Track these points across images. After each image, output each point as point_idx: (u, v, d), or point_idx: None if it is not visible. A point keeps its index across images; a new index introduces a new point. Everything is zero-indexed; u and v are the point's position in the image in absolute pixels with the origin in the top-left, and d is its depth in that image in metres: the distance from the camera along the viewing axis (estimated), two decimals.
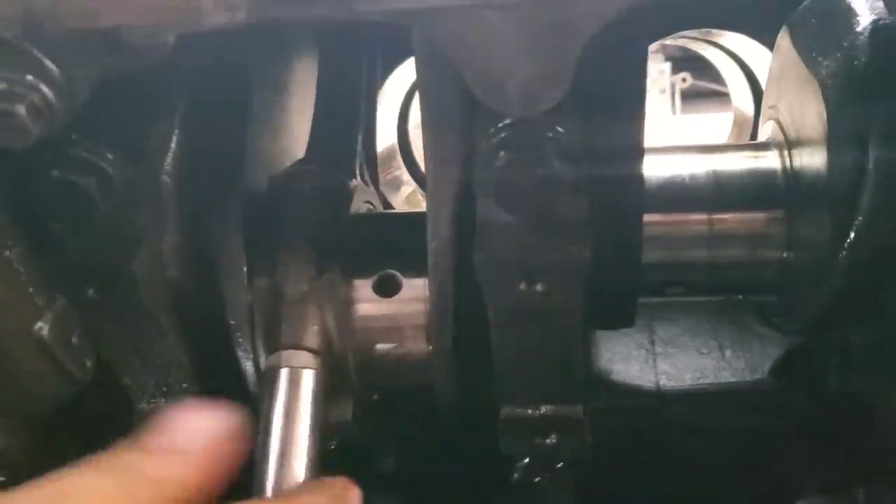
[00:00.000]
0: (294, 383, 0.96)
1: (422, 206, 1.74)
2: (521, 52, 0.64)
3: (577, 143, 0.79)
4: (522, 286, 0.84)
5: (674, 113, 3.66)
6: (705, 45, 1.90)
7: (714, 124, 2.80)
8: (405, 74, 1.70)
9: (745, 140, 1.81)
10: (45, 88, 0.68)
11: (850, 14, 0.96)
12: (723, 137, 2.11)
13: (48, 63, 0.69)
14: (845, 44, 0.94)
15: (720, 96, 3.11)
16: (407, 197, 1.78)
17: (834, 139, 0.94)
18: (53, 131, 0.71)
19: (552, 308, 0.87)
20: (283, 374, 0.96)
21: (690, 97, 3.37)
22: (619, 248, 0.96)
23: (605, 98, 0.85)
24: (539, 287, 0.84)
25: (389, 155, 1.76)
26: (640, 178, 0.94)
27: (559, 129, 0.77)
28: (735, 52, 1.79)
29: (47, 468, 1.09)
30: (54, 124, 0.70)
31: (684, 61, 3.15)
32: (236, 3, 0.65)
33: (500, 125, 0.77)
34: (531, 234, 0.82)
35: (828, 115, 0.95)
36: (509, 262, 0.84)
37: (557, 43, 0.64)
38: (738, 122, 1.94)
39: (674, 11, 1.37)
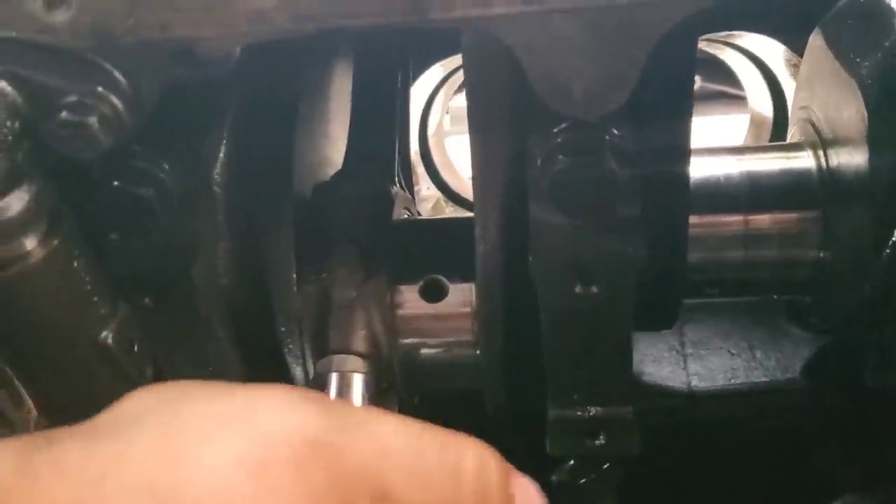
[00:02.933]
0: (345, 388, 0.97)
1: (448, 214, 1.76)
2: (589, 55, 0.65)
3: (631, 144, 0.80)
4: (578, 288, 0.85)
5: None
6: (721, 47, 1.90)
7: (725, 126, 2.79)
8: (424, 85, 1.72)
9: (764, 141, 1.82)
10: (114, 100, 0.70)
11: (890, 15, 0.97)
12: (735, 139, 2.12)
13: (117, 74, 0.70)
14: (886, 44, 0.95)
15: (730, 98, 3.11)
16: (433, 207, 1.79)
17: (875, 138, 0.95)
18: (120, 142, 0.72)
19: (606, 308, 0.88)
20: (334, 378, 0.97)
21: (700, 99, 3.38)
22: (666, 249, 0.97)
23: (655, 99, 0.86)
24: (594, 288, 0.85)
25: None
26: (686, 178, 0.95)
27: (615, 131, 0.78)
28: (753, 52, 1.80)
29: None
30: (122, 135, 0.71)
31: None
32: (307, 14, 0.66)
33: (558, 129, 0.78)
34: (587, 235, 0.83)
35: (868, 114, 0.96)
36: (565, 264, 0.85)
37: (624, 46, 0.65)
38: (756, 124, 1.94)
39: (718, 12, 1.39)
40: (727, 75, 2.17)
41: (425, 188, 1.76)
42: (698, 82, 3.48)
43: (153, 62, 0.71)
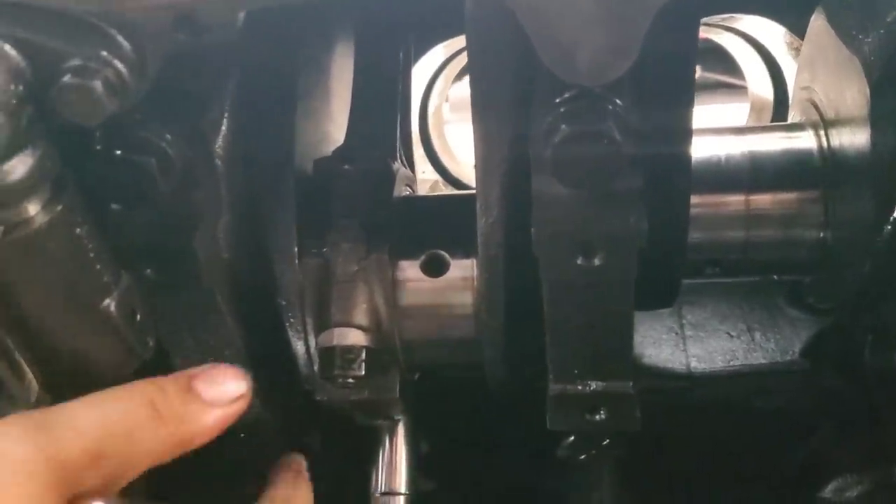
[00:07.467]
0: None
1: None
2: (594, 20, 0.65)
3: (634, 116, 0.79)
4: (580, 260, 0.85)
5: None
6: (720, 31, 1.90)
7: (725, 115, 2.79)
8: (425, 68, 1.71)
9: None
10: (118, 64, 0.70)
11: None
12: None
13: (121, 40, 0.70)
14: (889, 20, 0.95)
15: (730, 88, 3.10)
16: (429, 190, 1.79)
17: (878, 115, 0.95)
18: (124, 108, 0.72)
19: (608, 281, 0.88)
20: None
21: (700, 89, 3.38)
22: (667, 228, 0.97)
23: (657, 78, 0.86)
24: (597, 261, 0.85)
25: None
26: (688, 156, 0.95)
27: (618, 101, 0.77)
28: (752, 35, 1.80)
29: None
30: (126, 101, 0.71)
31: None
32: None
33: (560, 99, 0.77)
34: (589, 207, 0.83)
35: (871, 91, 0.96)
36: (567, 236, 0.85)
37: (629, 12, 0.65)
38: (756, 108, 1.94)
39: None
40: (727, 65, 2.16)
41: (421, 171, 1.75)
42: (698, 72, 3.49)
43: (157, 27, 0.71)
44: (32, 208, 0.72)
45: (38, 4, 0.68)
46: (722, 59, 2.10)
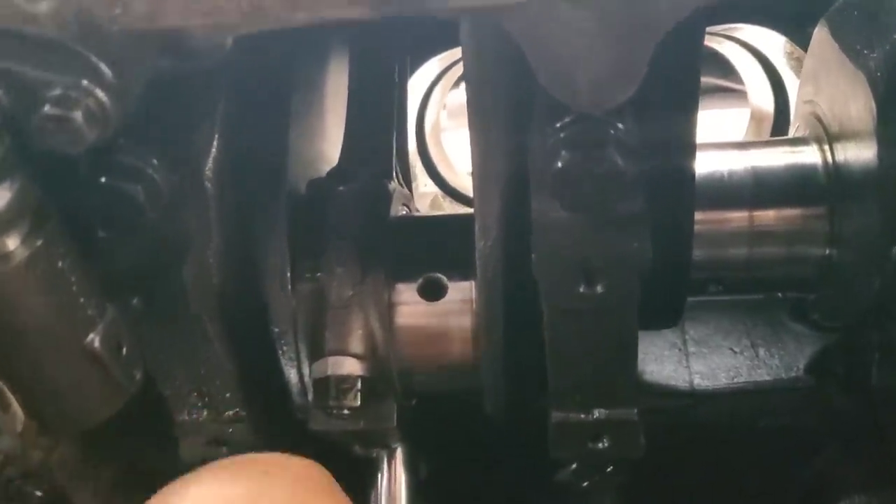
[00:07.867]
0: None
1: (446, 211, 1.73)
2: (596, 46, 0.62)
3: (636, 139, 0.77)
4: (582, 287, 0.83)
5: None
6: (721, 40, 1.88)
7: (723, 121, 2.75)
8: (421, 80, 1.69)
9: (765, 135, 1.79)
10: (100, 93, 0.67)
11: None
12: (733, 133, 2.09)
13: (103, 67, 0.67)
14: (895, 35, 0.93)
15: (725, 92, 3.07)
16: (430, 203, 1.76)
17: (885, 132, 0.93)
18: (105, 136, 0.69)
19: (611, 308, 0.85)
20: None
21: None
22: (671, 246, 0.94)
23: (660, 94, 0.83)
24: (599, 288, 0.82)
25: None
26: (692, 173, 0.92)
27: (620, 125, 0.75)
28: (754, 45, 1.77)
29: (86, 482, 1.08)
30: (107, 129, 0.68)
31: None
32: (298, 4, 0.63)
33: (560, 123, 0.75)
34: (590, 231, 0.80)
35: (877, 106, 0.93)
36: (569, 263, 0.82)
37: (633, 38, 0.62)
38: (756, 118, 1.92)
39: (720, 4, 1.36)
40: (724, 69, 2.14)
41: (422, 185, 1.73)
42: None
43: (140, 54, 0.68)
44: (11, 243, 0.69)
45: (17, 31, 0.65)
46: (720, 64, 2.07)
